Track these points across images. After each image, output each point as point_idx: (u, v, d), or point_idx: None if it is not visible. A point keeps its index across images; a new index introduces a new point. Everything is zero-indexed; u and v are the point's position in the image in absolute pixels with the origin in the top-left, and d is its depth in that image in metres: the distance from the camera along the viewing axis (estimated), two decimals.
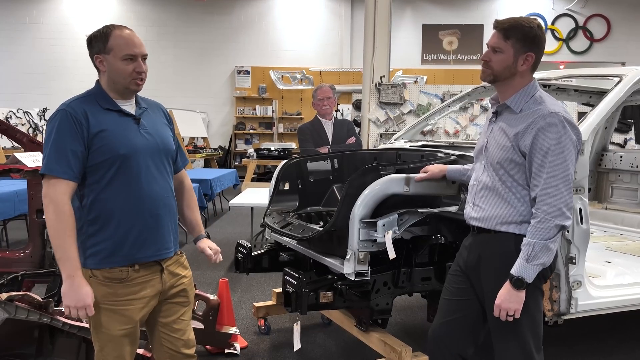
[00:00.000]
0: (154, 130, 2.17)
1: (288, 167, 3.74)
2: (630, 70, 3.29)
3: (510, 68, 2.19)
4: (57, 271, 3.44)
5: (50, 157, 1.98)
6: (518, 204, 2.17)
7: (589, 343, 3.90)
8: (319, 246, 3.12)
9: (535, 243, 2.07)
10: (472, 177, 2.40)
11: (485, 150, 2.29)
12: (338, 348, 3.78)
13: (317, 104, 4.94)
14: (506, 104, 2.23)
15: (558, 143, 2.07)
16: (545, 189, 2.07)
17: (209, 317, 3.45)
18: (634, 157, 4.96)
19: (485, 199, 2.26)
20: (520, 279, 2.09)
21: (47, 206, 1.97)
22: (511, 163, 2.16)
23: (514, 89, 2.22)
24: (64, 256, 1.95)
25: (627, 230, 4.75)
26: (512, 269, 2.11)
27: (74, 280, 1.95)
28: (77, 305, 1.96)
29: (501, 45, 2.18)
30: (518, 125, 2.16)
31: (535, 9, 14.72)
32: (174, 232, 2.24)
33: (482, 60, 2.24)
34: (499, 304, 2.13)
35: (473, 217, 2.30)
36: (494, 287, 2.17)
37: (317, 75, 14.40)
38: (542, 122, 2.09)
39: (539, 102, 2.17)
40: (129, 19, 14.18)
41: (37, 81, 14.38)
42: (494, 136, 2.26)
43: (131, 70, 2.06)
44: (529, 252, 2.08)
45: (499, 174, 2.21)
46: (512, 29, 2.16)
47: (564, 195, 2.08)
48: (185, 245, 6.53)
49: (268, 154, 9.61)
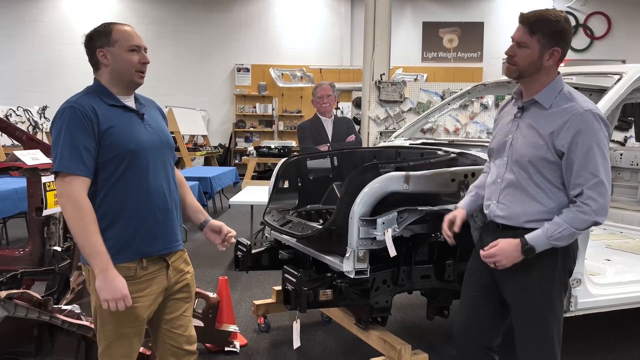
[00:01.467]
0: (156, 125, 2.19)
1: (288, 165, 3.73)
2: (630, 67, 3.29)
3: (535, 64, 2.13)
4: (56, 269, 3.44)
5: (63, 155, 1.95)
6: (548, 202, 2.15)
7: (589, 341, 3.90)
8: (318, 244, 3.12)
9: (567, 227, 2.07)
10: (493, 174, 2.34)
11: (511, 147, 2.23)
12: (337, 346, 3.78)
13: (317, 101, 4.94)
14: (535, 99, 2.17)
15: (598, 142, 2.06)
16: (593, 188, 2.05)
17: (208, 315, 3.45)
18: (634, 155, 4.96)
19: (511, 197, 2.22)
20: (531, 248, 2.10)
21: (66, 205, 1.94)
22: (543, 161, 2.13)
23: (540, 84, 2.17)
24: (93, 251, 1.93)
25: (627, 228, 4.75)
26: (528, 236, 2.11)
27: (107, 274, 1.93)
28: (115, 297, 1.93)
29: (526, 40, 2.11)
30: (551, 123, 2.11)
31: (536, 7, 14.56)
32: (180, 225, 2.25)
33: (507, 54, 2.18)
34: (494, 252, 2.15)
35: (499, 215, 2.26)
36: (521, 284, 2.19)
37: (317, 73, 14.38)
38: (580, 121, 2.06)
39: (570, 98, 2.13)
40: (129, 17, 14.16)
41: (37, 79, 14.37)
42: (522, 133, 2.20)
43: (137, 60, 2.08)
44: (555, 231, 2.08)
45: (529, 172, 2.16)
46: (538, 23, 2.09)
47: (608, 194, 2.08)
48: (185, 243, 6.52)
49: (268, 152, 9.61)
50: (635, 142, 7.26)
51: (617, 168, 5.10)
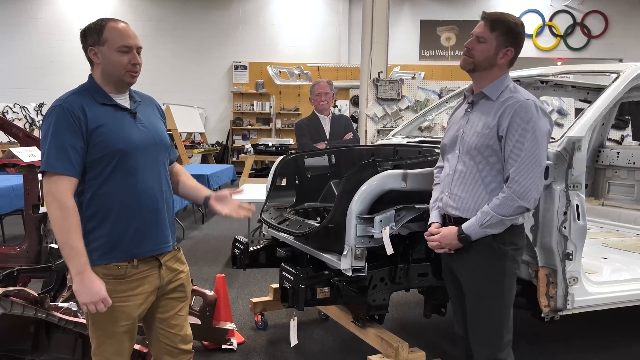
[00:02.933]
0: (149, 124, 2.15)
1: (285, 162, 3.73)
2: (627, 66, 3.29)
3: (490, 59, 2.27)
4: (53, 266, 3.43)
5: (50, 154, 1.94)
6: (497, 189, 2.23)
7: (586, 339, 3.91)
8: (316, 242, 3.11)
9: (493, 216, 2.18)
10: (446, 168, 2.43)
11: (462, 140, 2.34)
12: (335, 344, 3.78)
13: (315, 99, 4.93)
14: (483, 92, 2.30)
15: (532, 127, 2.16)
16: (518, 170, 2.15)
17: (205, 312, 3.45)
18: (631, 154, 4.97)
19: (463, 187, 2.31)
20: (466, 237, 2.24)
21: (50, 204, 1.93)
22: (489, 149, 2.23)
23: (490, 80, 2.30)
24: (72, 253, 1.92)
25: (624, 227, 4.75)
26: (464, 225, 2.24)
27: (83, 276, 1.93)
28: (92, 300, 1.93)
29: (486, 36, 2.26)
30: (496, 112, 2.24)
31: (533, 5, 14.72)
32: (172, 225, 2.23)
33: (465, 47, 2.31)
34: (436, 238, 2.33)
35: (451, 206, 2.35)
36: (474, 274, 2.31)
37: (314, 70, 14.37)
38: (519, 106, 2.18)
39: (514, 91, 2.27)
40: (126, 14, 14.12)
41: (34, 76, 14.33)
42: (471, 125, 2.32)
43: (126, 62, 2.04)
44: (484, 220, 2.19)
45: (476, 161, 2.26)
46: (498, 22, 2.26)
47: (536, 180, 2.17)
48: (183, 240, 6.52)
49: (265, 150, 9.60)
50: (632, 141, 7.29)
51: (613, 167, 5.11)
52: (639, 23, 14.52)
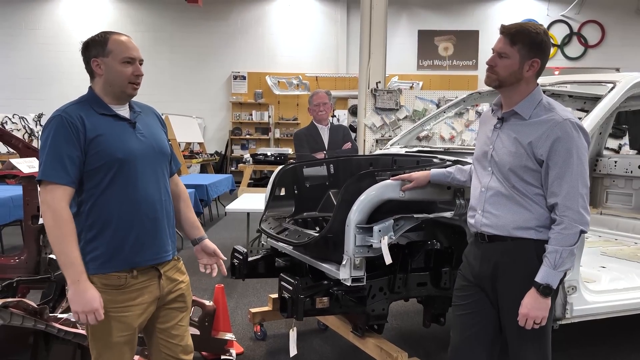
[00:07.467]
0: (149, 133, 2.17)
1: (284, 172, 3.74)
2: (624, 76, 3.32)
3: (515, 74, 2.18)
4: (52, 277, 3.43)
5: (46, 163, 1.97)
6: (535, 208, 2.17)
7: (585, 348, 3.90)
8: (315, 252, 3.12)
9: (563, 250, 2.08)
10: (476, 184, 2.35)
11: (492, 158, 2.26)
12: (334, 354, 3.78)
13: (313, 109, 4.95)
14: (514, 110, 2.21)
15: (576, 150, 2.09)
16: (568, 196, 2.08)
17: (204, 323, 3.45)
18: (629, 163, 4.99)
19: (497, 205, 2.23)
20: (548, 286, 2.09)
21: (45, 212, 1.95)
22: (525, 169, 2.16)
23: (519, 95, 2.21)
24: (67, 262, 1.93)
25: (622, 235, 4.77)
26: (538, 277, 2.11)
27: (79, 286, 1.93)
28: (85, 310, 1.93)
29: (507, 51, 2.17)
30: (530, 133, 2.15)
31: (530, 15, 14.78)
32: (172, 235, 2.24)
33: (488, 64, 2.23)
34: (526, 312, 2.11)
35: (485, 224, 2.26)
36: (518, 295, 2.16)
37: (313, 80, 14.41)
38: (559, 129, 2.10)
39: (549, 108, 2.18)
40: (125, 24, 14.17)
41: (33, 86, 14.35)
42: (502, 143, 2.24)
43: (130, 73, 2.07)
44: (556, 259, 2.08)
45: (511, 181, 2.19)
46: (518, 35, 2.15)
47: (585, 201, 2.11)
48: (182, 250, 6.51)
49: (264, 160, 9.61)
50: (629, 150, 7.31)
51: (611, 175, 5.13)
52: (635, 32, 14.60)
